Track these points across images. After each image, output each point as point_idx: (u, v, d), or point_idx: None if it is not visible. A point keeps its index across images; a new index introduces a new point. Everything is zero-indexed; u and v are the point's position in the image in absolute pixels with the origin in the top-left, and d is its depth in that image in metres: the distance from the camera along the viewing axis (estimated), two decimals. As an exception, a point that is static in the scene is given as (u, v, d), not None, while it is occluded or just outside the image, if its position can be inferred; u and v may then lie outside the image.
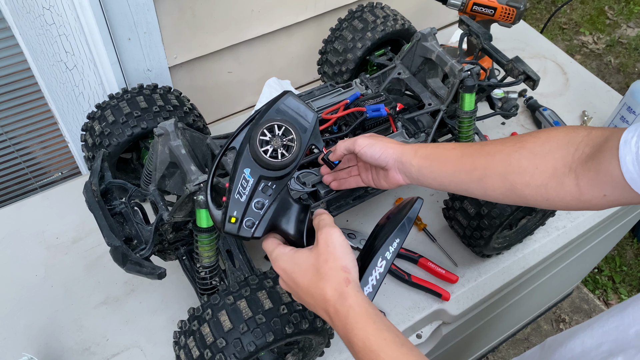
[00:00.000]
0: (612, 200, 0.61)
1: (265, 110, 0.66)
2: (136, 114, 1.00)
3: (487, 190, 0.72)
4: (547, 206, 0.69)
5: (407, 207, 0.70)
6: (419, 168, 0.77)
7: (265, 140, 0.64)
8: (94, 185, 0.84)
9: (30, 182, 1.58)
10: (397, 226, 0.68)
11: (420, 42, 1.07)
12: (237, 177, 0.64)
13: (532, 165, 0.67)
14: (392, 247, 0.67)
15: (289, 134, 0.64)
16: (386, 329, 0.58)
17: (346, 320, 0.60)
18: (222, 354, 0.73)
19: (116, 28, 1.08)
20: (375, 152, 0.79)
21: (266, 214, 0.66)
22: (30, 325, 1.00)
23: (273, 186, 0.65)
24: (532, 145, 0.68)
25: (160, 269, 0.79)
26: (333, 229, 0.65)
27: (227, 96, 1.40)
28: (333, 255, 0.63)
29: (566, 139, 0.65)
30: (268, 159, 0.63)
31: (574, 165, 0.64)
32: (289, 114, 0.66)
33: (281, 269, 0.66)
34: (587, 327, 0.61)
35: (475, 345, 1.70)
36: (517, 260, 1.13)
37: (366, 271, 0.66)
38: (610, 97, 1.46)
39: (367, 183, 0.87)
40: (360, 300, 0.60)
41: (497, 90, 1.15)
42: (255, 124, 0.65)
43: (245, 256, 0.94)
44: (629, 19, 3.31)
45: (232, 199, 0.64)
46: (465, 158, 0.74)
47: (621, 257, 2.37)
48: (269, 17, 1.28)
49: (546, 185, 0.66)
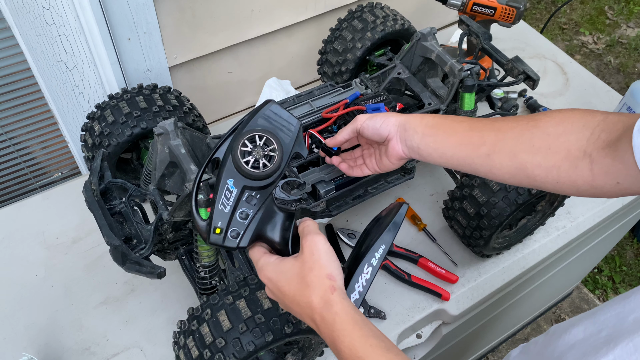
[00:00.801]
0: (625, 188, 0.60)
1: (247, 120, 0.66)
2: (136, 114, 1.00)
3: (492, 168, 0.70)
4: (555, 189, 0.67)
5: (392, 212, 0.69)
6: (422, 136, 0.74)
7: (246, 151, 0.64)
8: (93, 185, 0.84)
9: (30, 182, 1.58)
10: (382, 232, 0.68)
11: (420, 41, 1.07)
12: (221, 187, 0.64)
13: (545, 145, 0.65)
14: (378, 253, 0.67)
15: (270, 144, 0.64)
16: (372, 335, 0.58)
17: (332, 327, 0.59)
18: (222, 354, 0.73)
19: (116, 28, 1.09)
20: (377, 122, 0.78)
21: (251, 224, 0.66)
22: (30, 325, 1.00)
23: (257, 196, 0.65)
24: (546, 125, 0.66)
25: (159, 268, 0.79)
26: (317, 236, 0.64)
27: (227, 96, 1.40)
28: (318, 263, 0.62)
29: (582, 122, 0.63)
30: (250, 169, 0.63)
31: (589, 149, 0.62)
32: (272, 123, 0.66)
33: (267, 278, 0.66)
34: (591, 315, 0.61)
35: (475, 345, 1.70)
36: (517, 260, 1.12)
37: (352, 278, 0.66)
38: (610, 97, 1.45)
39: (372, 169, 0.85)
40: (346, 307, 0.60)
41: (497, 90, 1.15)
42: (238, 134, 0.65)
43: (244, 256, 0.94)
44: (629, 19, 3.31)
45: (216, 209, 0.64)
46: (473, 132, 0.71)
47: (621, 257, 2.37)
48: (269, 17, 1.28)
49: (558, 167, 0.64)
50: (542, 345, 0.69)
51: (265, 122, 0.66)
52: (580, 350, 0.58)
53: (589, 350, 0.55)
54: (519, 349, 0.77)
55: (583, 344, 0.59)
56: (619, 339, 0.52)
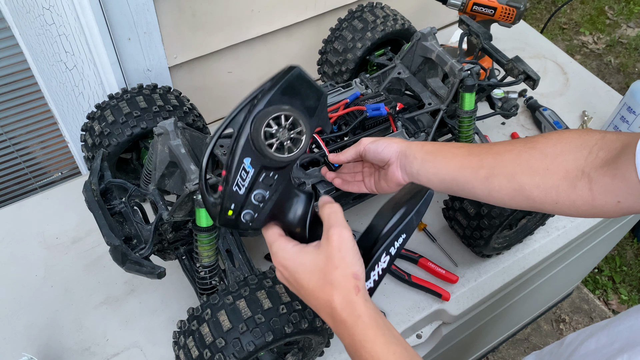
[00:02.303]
0: (626, 207, 0.60)
1: (269, 90, 0.57)
2: (136, 114, 1.00)
3: (491, 191, 0.70)
4: (554, 210, 0.67)
5: (416, 198, 0.63)
6: (422, 162, 0.75)
7: (270, 133, 0.56)
8: (93, 185, 0.84)
9: (30, 182, 1.58)
10: (404, 220, 0.61)
11: (420, 41, 1.07)
12: (236, 166, 0.57)
13: (543, 166, 0.65)
14: (398, 242, 0.62)
15: (297, 126, 0.57)
16: (395, 342, 0.57)
17: (354, 330, 0.57)
18: (222, 354, 0.73)
19: (116, 28, 1.08)
20: (379, 146, 0.78)
21: (266, 207, 0.61)
22: (30, 325, 1.00)
23: (275, 177, 0.59)
24: (544, 146, 0.66)
25: (159, 268, 0.79)
26: (345, 230, 0.60)
27: (227, 96, 1.40)
28: (344, 261, 0.59)
29: (579, 141, 0.64)
30: (274, 154, 0.57)
31: (587, 169, 0.62)
32: (296, 95, 0.58)
33: (282, 265, 0.63)
34: (604, 326, 0.61)
35: (476, 346, 1.70)
36: (517, 260, 1.12)
37: (369, 266, 0.62)
38: (610, 97, 1.45)
39: (369, 189, 0.86)
40: (370, 310, 0.58)
41: (497, 90, 1.15)
42: (258, 106, 0.57)
43: (244, 256, 0.94)
44: (629, 19, 3.31)
45: (229, 190, 0.58)
46: (472, 156, 0.72)
47: (621, 257, 2.37)
48: (269, 17, 1.28)
49: (557, 187, 0.64)
50: (557, 357, 0.68)
51: (290, 93, 0.57)
52: None
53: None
54: (532, 357, 0.76)
55: (594, 354, 0.59)
56: (632, 352, 0.52)
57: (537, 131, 1.37)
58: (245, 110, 0.57)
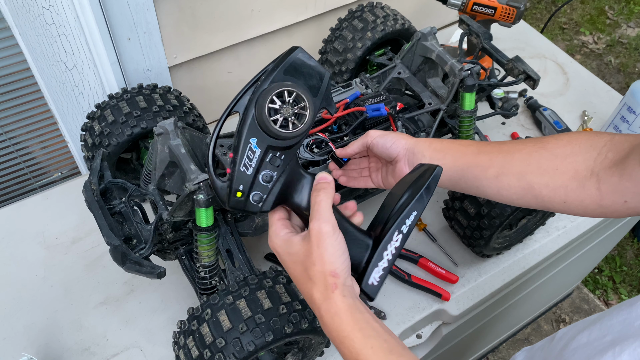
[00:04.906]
0: (633, 207, 0.61)
1: (272, 70, 0.58)
2: (136, 114, 1.00)
3: (500, 190, 0.71)
4: (563, 210, 0.67)
5: (425, 176, 0.62)
6: (430, 160, 0.75)
7: (274, 109, 0.57)
8: (93, 185, 0.84)
9: (30, 182, 1.58)
10: (415, 197, 0.61)
11: (420, 41, 1.07)
12: (243, 147, 0.58)
13: (553, 166, 0.66)
14: (409, 219, 0.61)
15: (300, 101, 0.57)
16: (374, 336, 0.57)
17: (331, 327, 0.59)
18: (222, 354, 0.73)
19: (116, 28, 1.08)
20: (387, 141, 0.78)
21: (274, 187, 0.61)
22: (30, 325, 1.00)
23: (282, 157, 0.60)
24: (554, 147, 0.67)
25: (159, 268, 0.79)
26: (325, 224, 0.59)
27: (227, 96, 1.38)
28: (322, 259, 0.59)
29: (588, 142, 0.65)
30: (278, 129, 0.57)
31: (596, 169, 0.63)
32: (299, 74, 0.59)
33: (274, 250, 0.64)
34: (597, 320, 0.61)
35: (476, 346, 1.70)
36: (517, 260, 1.12)
37: (381, 245, 0.61)
38: (610, 97, 1.45)
39: (376, 184, 0.85)
40: (347, 306, 0.58)
41: (497, 90, 1.15)
42: (262, 86, 0.57)
43: (244, 256, 0.94)
44: (629, 18, 3.31)
45: (237, 171, 0.59)
46: (482, 154, 0.72)
47: (621, 257, 2.37)
48: (269, 17, 1.28)
49: (566, 187, 0.65)
50: (548, 352, 0.68)
51: (293, 73, 0.59)
52: (584, 354, 0.58)
53: (592, 354, 0.55)
54: (524, 353, 0.77)
55: (586, 347, 0.59)
56: (625, 344, 0.52)
57: (537, 131, 1.37)
58: (250, 92, 0.59)
